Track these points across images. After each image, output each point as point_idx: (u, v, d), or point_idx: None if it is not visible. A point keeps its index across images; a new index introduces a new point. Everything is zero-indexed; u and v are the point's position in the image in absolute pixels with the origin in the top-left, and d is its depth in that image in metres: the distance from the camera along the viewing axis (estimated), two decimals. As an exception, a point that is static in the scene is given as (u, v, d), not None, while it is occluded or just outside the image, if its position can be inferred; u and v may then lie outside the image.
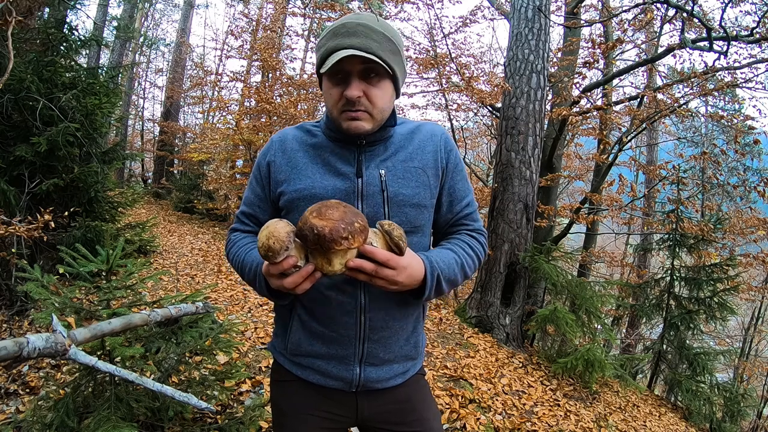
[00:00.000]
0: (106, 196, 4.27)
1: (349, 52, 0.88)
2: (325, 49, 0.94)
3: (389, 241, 0.84)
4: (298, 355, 1.06)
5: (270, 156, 1.07)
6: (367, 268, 0.82)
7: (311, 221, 0.78)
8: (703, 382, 5.71)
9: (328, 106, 0.99)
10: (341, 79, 0.95)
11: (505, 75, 5.86)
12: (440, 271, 0.95)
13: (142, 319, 1.70)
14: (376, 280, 0.85)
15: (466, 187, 1.11)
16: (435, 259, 0.95)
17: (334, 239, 0.76)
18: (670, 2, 4.56)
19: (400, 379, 1.08)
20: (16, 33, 3.16)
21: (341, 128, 0.98)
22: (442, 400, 3.23)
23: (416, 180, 1.02)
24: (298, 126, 1.11)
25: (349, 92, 0.93)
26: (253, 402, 2.37)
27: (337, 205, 0.81)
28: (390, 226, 0.84)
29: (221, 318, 3.85)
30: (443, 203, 1.08)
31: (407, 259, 0.87)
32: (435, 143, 1.06)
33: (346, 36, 0.92)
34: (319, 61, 0.96)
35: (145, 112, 17.73)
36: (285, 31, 11.74)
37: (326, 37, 0.95)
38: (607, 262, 10.80)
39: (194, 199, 10.85)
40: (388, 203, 0.99)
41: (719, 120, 8.52)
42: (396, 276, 0.85)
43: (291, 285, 0.84)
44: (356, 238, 0.78)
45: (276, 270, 0.83)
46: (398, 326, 1.04)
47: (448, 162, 1.07)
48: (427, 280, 0.92)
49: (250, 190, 1.12)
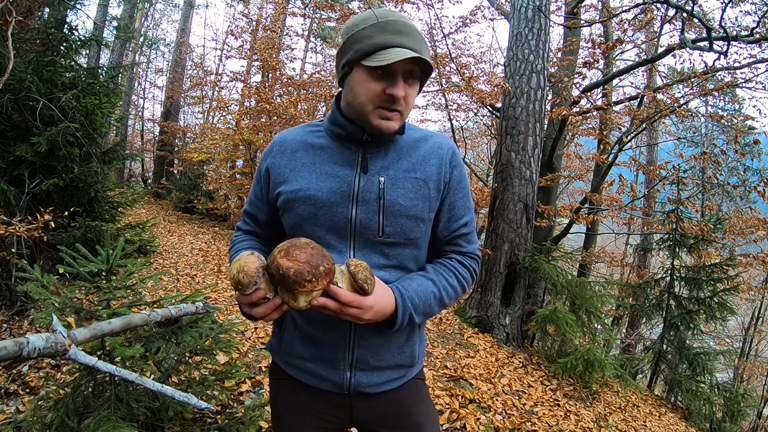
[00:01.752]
0: (106, 196, 4.27)
1: (409, 54, 0.88)
2: (373, 42, 0.91)
3: (353, 283, 0.86)
4: (290, 356, 1.06)
5: (270, 158, 1.06)
6: (331, 306, 0.84)
7: (278, 261, 0.81)
8: (703, 382, 5.71)
9: (359, 99, 0.94)
10: (384, 76, 0.92)
11: (505, 75, 5.86)
12: (412, 308, 0.95)
13: (142, 319, 1.70)
14: (342, 316, 0.87)
15: (467, 205, 1.09)
16: (409, 294, 0.95)
17: (298, 281, 0.79)
18: (670, 2, 4.57)
19: (394, 384, 1.06)
20: (16, 33, 3.16)
21: (370, 124, 0.95)
22: (442, 400, 3.23)
23: (416, 191, 0.99)
24: (300, 126, 1.10)
25: (396, 91, 0.92)
26: (253, 402, 2.37)
27: (305, 246, 0.83)
28: (356, 267, 0.86)
29: (221, 318, 3.85)
30: (442, 219, 1.06)
31: (373, 298, 0.88)
32: (440, 156, 1.03)
33: (397, 34, 0.91)
34: (363, 54, 0.91)
35: (145, 112, 17.75)
36: (285, 31, 11.74)
37: (371, 29, 0.92)
38: (607, 262, 10.79)
39: (194, 199, 10.85)
40: (384, 212, 0.97)
41: (719, 120, 8.52)
42: (361, 314, 0.87)
43: (259, 315, 0.87)
44: (320, 281, 0.81)
45: (245, 300, 0.86)
46: (389, 334, 1.02)
47: (451, 178, 1.04)
48: (398, 316, 0.94)
49: (252, 190, 1.13)
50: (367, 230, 0.97)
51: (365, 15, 0.95)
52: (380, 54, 0.89)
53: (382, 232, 0.97)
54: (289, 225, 1.03)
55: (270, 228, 1.13)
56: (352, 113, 0.98)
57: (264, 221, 1.12)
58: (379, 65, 0.89)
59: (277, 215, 1.08)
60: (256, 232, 1.14)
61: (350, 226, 0.97)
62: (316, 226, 0.98)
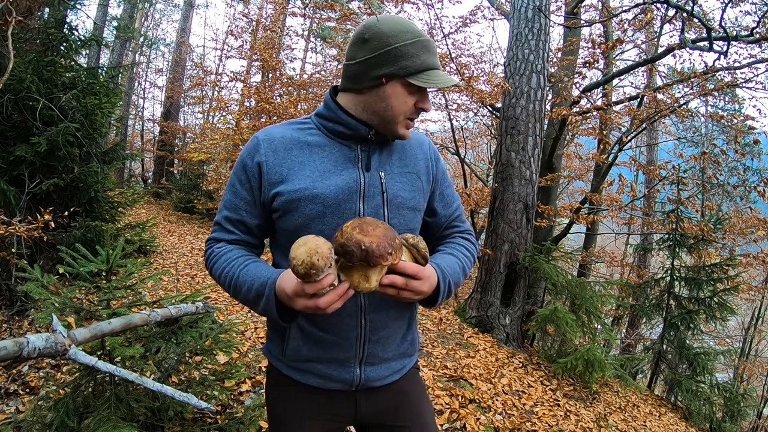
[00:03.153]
0: (106, 196, 4.27)
1: (453, 81, 0.97)
2: (422, 63, 0.95)
3: (416, 254, 0.90)
4: (297, 361, 1.05)
5: (259, 157, 1.00)
6: (399, 282, 0.86)
7: (357, 237, 0.79)
8: (703, 382, 5.71)
9: (393, 111, 0.98)
10: (418, 91, 0.98)
11: (505, 75, 5.86)
12: (450, 277, 1.00)
13: (142, 319, 1.70)
14: (403, 292, 0.87)
15: (453, 192, 1.20)
16: (443, 266, 1.00)
17: (382, 255, 0.79)
18: (670, 2, 4.56)
19: (397, 375, 1.10)
20: (16, 33, 3.16)
21: (395, 132, 1.01)
22: (442, 400, 3.23)
23: (412, 184, 1.06)
24: (283, 124, 1.06)
25: (427, 107, 1.00)
26: (253, 402, 2.37)
27: (376, 222, 0.83)
28: (415, 240, 0.89)
29: (221, 318, 3.85)
30: (437, 208, 1.15)
31: (429, 269, 0.93)
32: (425, 151, 1.12)
33: (435, 55, 0.98)
34: (411, 72, 0.95)
35: (145, 112, 17.73)
36: (285, 31, 11.74)
37: (415, 47, 0.95)
38: (607, 262, 10.79)
39: (194, 199, 10.85)
40: (388, 205, 1.01)
41: (719, 120, 8.52)
42: (422, 286, 0.90)
43: (326, 304, 0.82)
44: (397, 254, 0.82)
45: (313, 289, 0.80)
46: (396, 325, 1.07)
47: (437, 170, 1.14)
48: (440, 287, 0.96)
49: (232, 194, 1.04)
50: None
51: (399, 26, 0.96)
52: (427, 75, 0.95)
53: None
54: (294, 226, 0.98)
55: (262, 233, 1.08)
56: (374, 118, 1.00)
57: (255, 226, 1.05)
58: (429, 86, 0.95)
59: (270, 218, 1.04)
60: (245, 240, 1.06)
61: None
62: (325, 225, 0.97)
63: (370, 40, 0.95)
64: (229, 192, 1.04)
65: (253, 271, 0.95)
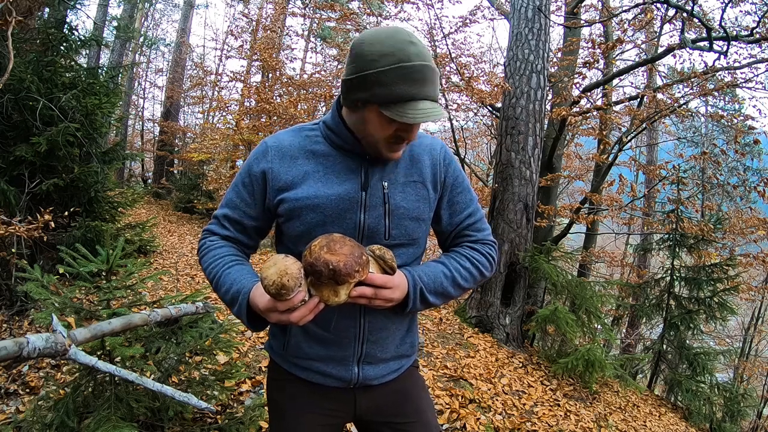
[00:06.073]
0: (106, 196, 4.27)
1: (431, 116, 0.86)
2: (397, 95, 0.86)
3: (383, 265, 0.92)
4: (297, 357, 1.08)
5: (266, 163, 1.02)
6: (368, 293, 0.89)
7: (324, 257, 0.81)
8: (703, 382, 5.71)
9: (371, 137, 0.94)
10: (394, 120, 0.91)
11: (505, 75, 5.86)
12: (423, 285, 0.99)
13: (142, 319, 1.70)
14: (374, 301, 0.91)
15: (468, 198, 1.11)
16: (417, 274, 1.00)
17: (349, 273, 0.82)
18: (670, 2, 4.56)
19: (396, 374, 1.13)
20: (16, 33, 3.16)
21: (379, 154, 0.97)
22: (442, 400, 3.23)
23: (416, 194, 1.04)
24: (292, 130, 1.06)
25: (411, 137, 0.94)
26: (253, 402, 2.37)
27: (342, 240, 0.86)
28: (381, 251, 0.92)
29: (221, 318, 3.84)
30: (443, 216, 1.11)
31: (398, 277, 0.95)
32: (433, 157, 1.07)
33: (422, 84, 0.87)
34: (383, 101, 0.87)
35: (145, 112, 17.74)
36: (285, 31, 11.74)
37: (394, 74, 0.85)
38: (607, 262, 10.80)
39: (194, 199, 10.85)
40: (389, 215, 1.01)
41: (719, 120, 8.52)
42: (392, 294, 0.93)
43: (297, 319, 0.86)
44: (364, 270, 0.85)
45: (285, 306, 0.84)
46: (395, 327, 1.08)
47: (446, 175, 1.08)
48: (409, 293, 0.97)
49: (235, 193, 1.06)
50: (375, 234, 1.00)
51: (383, 48, 0.86)
52: (402, 108, 0.86)
53: (389, 235, 1.01)
54: (297, 233, 1.00)
55: (258, 235, 1.09)
56: (361, 136, 0.98)
57: (252, 228, 1.07)
58: (402, 120, 0.87)
59: (269, 223, 1.07)
60: (238, 239, 1.08)
61: (360, 231, 1.00)
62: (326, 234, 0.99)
63: (354, 59, 0.90)
64: (232, 190, 1.07)
65: (234, 275, 0.99)
